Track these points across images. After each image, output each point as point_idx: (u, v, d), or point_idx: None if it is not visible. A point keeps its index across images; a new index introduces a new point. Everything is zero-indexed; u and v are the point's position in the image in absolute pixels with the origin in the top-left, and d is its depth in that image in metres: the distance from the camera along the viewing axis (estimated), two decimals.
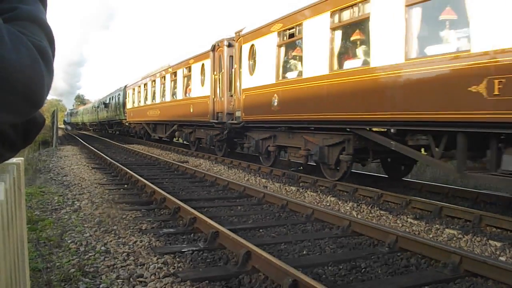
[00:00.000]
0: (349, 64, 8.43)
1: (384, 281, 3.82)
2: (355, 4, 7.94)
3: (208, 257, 4.38)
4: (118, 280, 3.67)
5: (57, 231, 5.22)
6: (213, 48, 14.24)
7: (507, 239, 5.19)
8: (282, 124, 10.63)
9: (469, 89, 5.71)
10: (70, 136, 40.36)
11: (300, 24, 9.63)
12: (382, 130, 7.83)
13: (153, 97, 22.00)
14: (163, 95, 20.30)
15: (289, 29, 10.13)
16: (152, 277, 3.75)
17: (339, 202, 7.33)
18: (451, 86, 6.07)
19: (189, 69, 16.72)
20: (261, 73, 11.38)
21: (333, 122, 8.67)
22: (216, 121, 14.09)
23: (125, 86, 28.94)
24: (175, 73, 18.54)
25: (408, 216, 6.34)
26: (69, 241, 4.78)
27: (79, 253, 4.41)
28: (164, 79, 20.05)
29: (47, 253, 4.37)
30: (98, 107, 42.04)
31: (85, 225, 5.51)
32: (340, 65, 8.66)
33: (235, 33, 13.07)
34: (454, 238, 5.26)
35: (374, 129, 8.03)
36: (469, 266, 3.95)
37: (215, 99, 14.24)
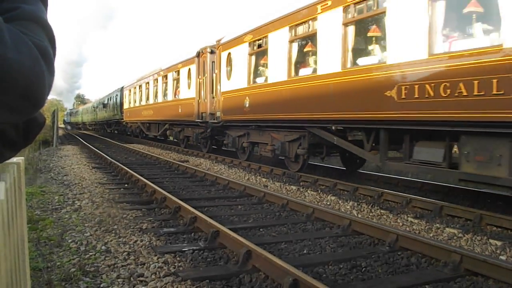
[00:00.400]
0: (303, 72, 9.82)
1: (384, 280, 3.82)
2: (306, 21, 9.44)
3: (209, 256, 4.38)
4: (119, 280, 3.67)
5: (58, 230, 5.23)
6: (198, 55, 15.70)
7: (508, 238, 5.19)
8: (253, 123, 11.98)
9: (385, 93, 7.08)
10: (70, 135, 40.39)
11: (266, 36, 11.06)
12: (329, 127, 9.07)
13: (147, 98, 23.28)
14: (156, 97, 21.70)
15: (258, 40, 11.63)
16: (153, 276, 3.75)
17: (340, 201, 7.34)
18: (373, 91, 7.38)
19: (178, 72, 18.21)
20: (236, 78, 12.83)
21: (292, 121, 9.98)
22: (200, 120, 15.45)
23: (122, 87, 30.15)
24: (166, 76, 20.00)
25: (408, 215, 6.35)
26: (69, 241, 4.79)
27: (80, 252, 4.41)
28: (157, 82, 21.49)
29: (47, 252, 4.37)
30: (97, 107, 43.36)
31: (86, 225, 5.51)
32: (296, 72, 10.02)
33: (216, 41, 14.42)
34: (455, 237, 5.27)
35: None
36: (469, 265, 3.96)
37: (199, 101, 15.66)
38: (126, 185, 9.07)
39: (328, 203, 7.31)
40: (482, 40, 5.96)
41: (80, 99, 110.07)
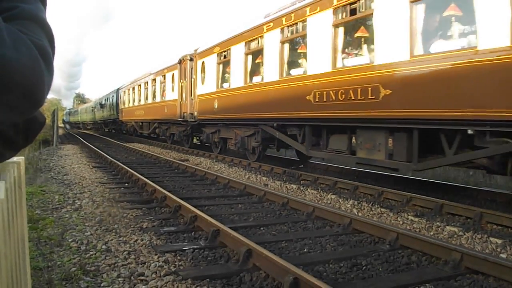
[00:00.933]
0: (255, 79, 12.11)
1: (385, 278, 3.83)
2: (256, 38, 11.80)
3: (209, 255, 4.38)
4: (119, 279, 3.68)
5: (58, 230, 5.23)
6: (180, 61, 17.81)
7: (508, 236, 5.19)
8: (221, 121, 14.17)
9: (306, 98, 9.37)
10: (70, 135, 40.42)
11: (229, 49, 13.36)
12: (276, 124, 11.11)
13: (139, 99, 25.31)
14: (146, 98, 23.87)
15: (224, 51, 13.95)
16: (153, 275, 3.75)
17: (340, 200, 7.34)
18: (299, 96, 9.66)
19: (164, 77, 20.30)
20: (208, 83, 15.14)
21: (248, 120, 12.14)
22: (182, 119, 17.52)
23: (118, 89, 32.18)
24: (154, 80, 22.16)
25: (409, 214, 6.35)
26: (70, 240, 4.79)
27: (80, 251, 4.41)
28: (147, 84, 23.63)
29: (48, 252, 4.38)
30: (95, 107, 45.39)
31: (86, 224, 5.51)
32: (251, 79, 12.29)
33: (194, 50, 16.71)
34: (455, 236, 5.27)
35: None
36: (470, 263, 3.96)
37: (181, 102, 17.68)
38: (126, 184, 9.07)
39: (329, 202, 7.32)
40: (363, 59, 8.25)
41: (80, 99, 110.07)
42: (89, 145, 20.46)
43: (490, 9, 5.72)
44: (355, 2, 8.09)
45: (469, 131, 6.10)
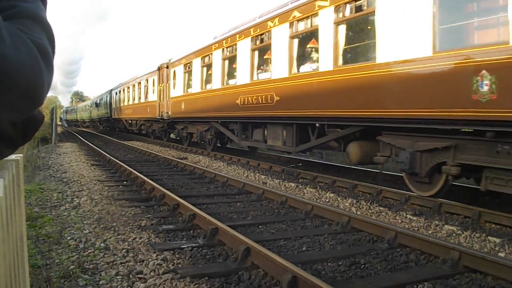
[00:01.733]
0: (207, 87, 15.32)
1: (383, 277, 3.83)
2: (207, 55, 15.17)
3: (208, 254, 4.38)
4: (118, 277, 3.67)
5: (57, 228, 5.23)
6: (158, 69, 21.21)
7: (506, 235, 5.20)
8: (187, 119, 17.54)
9: (236, 102, 12.43)
10: (69, 133, 40.41)
11: (191, 62, 16.82)
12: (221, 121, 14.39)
13: (128, 100, 28.46)
14: (134, 99, 26.90)
15: (188, 63, 17.25)
16: (152, 273, 3.75)
17: (338, 198, 7.34)
18: (232, 100, 12.72)
19: (147, 81, 23.65)
20: (178, 88, 18.44)
21: (204, 118, 15.54)
22: (160, 118, 20.52)
23: (111, 90, 35.29)
24: (140, 83, 25.31)
25: (407, 212, 6.35)
26: (68, 238, 4.79)
27: (79, 249, 4.41)
28: (134, 87, 26.78)
29: (46, 250, 4.37)
30: (91, 106, 49.13)
31: (85, 222, 5.51)
32: (205, 86, 15.58)
33: (168, 60, 20.07)
34: (453, 234, 5.27)
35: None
36: (468, 262, 3.96)
37: (160, 103, 20.73)
38: (125, 182, 9.06)
39: (327, 200, 7.32)
40: (267, 74, 11.35)
41: (79, 96, 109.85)
42: (88, 143, 20.44)
43: (323, 47, 8.94)
44: (262, 34, 11.45)
45: (317, 124, 9.29)
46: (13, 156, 1.55)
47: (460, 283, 3.71)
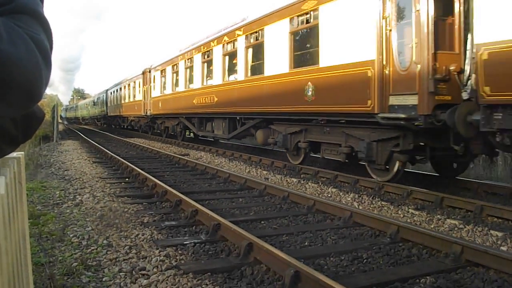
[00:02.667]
0: (177, 89, 18.97)
1: (386, 271, 3.83)
2: (176, 63, 18.93)
3: (210, 249, 4.39)
4: (121, 273, 3.69)
5: (59, 225, 5.24)
6: (143, 73, 24.95)
7: (508, 229, 5.20)
8: (164, 115, 21.37)
9: (193, 101, 16.14)
10: (70, 130, 40.50)
11: (165, 68, 20.57)
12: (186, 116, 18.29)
13: (121, 99, 32.15)
14: (124, 98, 30.66)
15: (163, 70, 21.05)
16: (155, 269, 3.76)
17: (340, 193, 7.34)
18: (191, 100, 16.39)
19: (135, 82, 27.32)
20: (156, 90, 22.31)
21: (175, 114, 19.22)
22: (145, 114, 24.51)
23: (107, 90, 39.01)
24: (129, 84, 29.04)
25: (409, 207, 6.35)
26: (71, 235, 4.80)
27: (81, 247, 4.42)
28: (125, 88, 30.48)
29: (49, 247, 4.39)
30: (89, 104, 54.20)
31: (87, 219, 5.52)
32: (175, 88, 19.26)
33: (150, 65, 23.80)
34: (456, 228, 5.27)
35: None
36: (470, 256, 3.96)
37: (144, 102, 24.50)
38: (127, 179, 9.08)
39: (329, 195, 7.32)
40: (212, 81, 14.95)
41: (80, 94, 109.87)
42: (89, 140, 20.46)
43: (240, 63, 12.87)
44: (207, 51, 15.26)
45: (237, 118, 13.18)
46: (14, 154, 1.55)
47: (462, 277, 3.71)
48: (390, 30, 7.20)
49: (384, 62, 7.29)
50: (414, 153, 7.76)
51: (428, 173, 9.30)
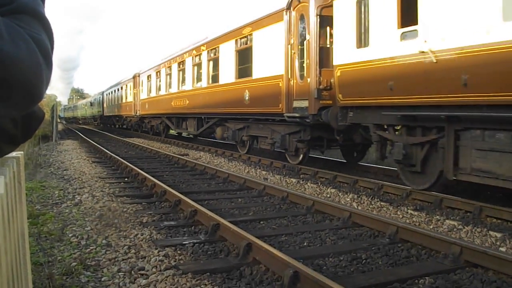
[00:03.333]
0: (159, 92, 21.83)
1: (384, 272, 3.84)
2: (159, 71, 21.92)
3: (209, 250, 4.39)
4: (120, 273, 3.69)
5: (58, 225, 5.24)
6: (134, 77, 27.57)
7: (507, 230, 5.20)
8: (150, 115, 24.21)
9: (171, 103, 19.20)
10: (70, 130, 40.48)
11: (151, 74, 23.50)
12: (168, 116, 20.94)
13: (114, 100, 35.00)
14: (118, 99, 33.25)
15: (149, 75, 23.99)
16: (154, 269, 3.76)
17: (340, 194, 7.34)
18: (169, 102, 19.71)
19: (127, 85, 30.08)
20: (144, 92, 25.25)
21: (159, 114, 22.01)
22: (135, 114, 27.16)
23: (103, 92, 41.93)
24: (122, 87, 31.65)
25: (408, 207, 6.36)
26: (70, 235, 4.80)
27: (81, 246, 4.42)
28: (118, 90, 33.26)
29: (48, 247, 4.38)
30: (86, 105, 57.47)
31: (86, 219, 5.52)
32: (157, 92, 22.13)
33: (139, 70, 26.55)
34: (455, 229, 5.28)
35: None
36: (469, 256, 3.96)
37: (135, 103, 27.09)
38: (126, 179, 9.08)
39: (328, 196, 7.32)
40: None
41: (80, 94, 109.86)
42: (89, 140, 20.46)
43: (204, 72, 15.69)
44: (182, 61, 17.91)
45: (202, 117, 15.91)
46: (14, 154, 1.55)
47: (461, 278, 3.71)
48: (294, 53, 9.86)
49: (290, 76, 10.07)
50: (314, 143, 10.34)
51: (338, 160, 11.57)
